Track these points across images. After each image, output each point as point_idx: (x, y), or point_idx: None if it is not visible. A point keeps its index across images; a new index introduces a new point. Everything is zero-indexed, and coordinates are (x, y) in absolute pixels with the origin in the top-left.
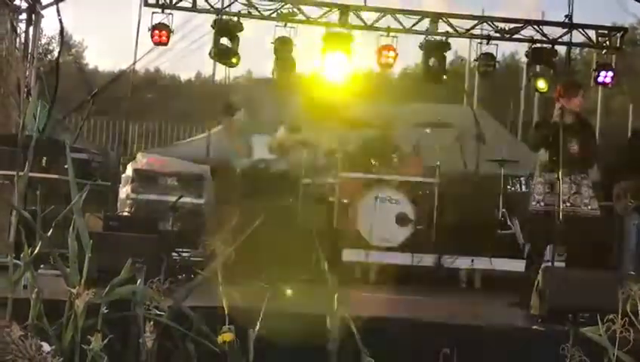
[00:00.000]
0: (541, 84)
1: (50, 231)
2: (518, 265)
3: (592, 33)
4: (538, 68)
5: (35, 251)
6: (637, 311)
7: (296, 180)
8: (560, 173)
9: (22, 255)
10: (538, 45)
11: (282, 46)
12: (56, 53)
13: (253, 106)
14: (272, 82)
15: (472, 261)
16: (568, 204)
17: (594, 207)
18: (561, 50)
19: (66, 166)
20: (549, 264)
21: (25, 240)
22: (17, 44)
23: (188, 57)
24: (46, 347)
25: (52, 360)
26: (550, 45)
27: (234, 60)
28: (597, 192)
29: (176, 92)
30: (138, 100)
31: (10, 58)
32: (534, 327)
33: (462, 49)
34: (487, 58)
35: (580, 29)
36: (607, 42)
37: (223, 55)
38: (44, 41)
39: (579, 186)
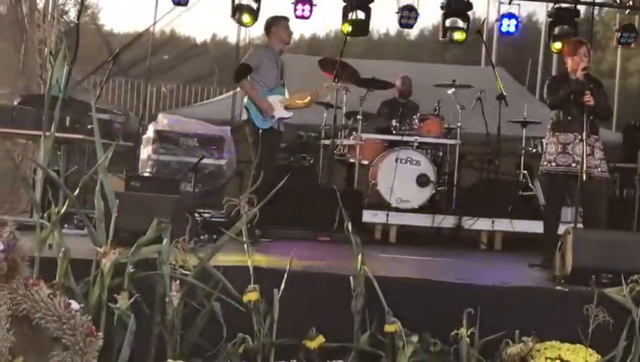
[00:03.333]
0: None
1: (77, 191)
2: (538, 227)
3: None
4: (557, 29)
5: (62, 210)
6: None
7: (316, 141)
8: (584, 134)
9: (46, 214)
10: (560, 5)
11: None
12: (71, 14)
13: (266, 67)
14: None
15: (493, 222)
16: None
17: (604, 169)
18: (582, 10)
19: (89, 126)
20: (567, 225)
21: (50, 199)
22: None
23: (204, 19)
24: (74, 305)
25: (80, 318)
26: (572, 5)
27: (251, 20)
28: (617, 154)
29: (192, 54)
30: (155, 62)
31: (32, 18)
32: (557, 288)
33: (480, 10)
34: (511, 18)
35: None
36: (631, 2)
37: (244, 16)
38: (60, 1)
39: (592, 148)
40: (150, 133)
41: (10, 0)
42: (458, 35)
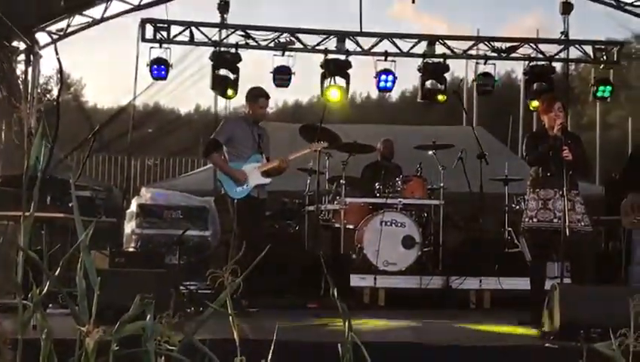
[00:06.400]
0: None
1: (58, 270)
2: (526, 284)
3: (588, 48)
4: (535, 85)
5: (44, 291)
6: None
7: (301, 207)
8: (564, 189)
9: (30, 295)
10: (535, 63)
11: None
12: (54, 92)
13: (239, 138)
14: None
15: (481, 281)
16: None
17: (586, 223)
18: (559, 66)
19: (70, 204)
20: (554, 280)
21: (32, 280)
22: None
23: (187, 91)
24: None
25: None
26: (547, 62)
27: (232, 92)
28: (600, 207)
29: (177, 126)
30: (139, 135)
31: (15, 99)
32: (547, 345)
33: (459, 70)
34: (486, 78)
35: (577, 45)
36: (604, 57)
37: (223, 87)
38: (42, 80)
39: (573, 203)
40: (133, 207)
41: None
42: (439, 97)
